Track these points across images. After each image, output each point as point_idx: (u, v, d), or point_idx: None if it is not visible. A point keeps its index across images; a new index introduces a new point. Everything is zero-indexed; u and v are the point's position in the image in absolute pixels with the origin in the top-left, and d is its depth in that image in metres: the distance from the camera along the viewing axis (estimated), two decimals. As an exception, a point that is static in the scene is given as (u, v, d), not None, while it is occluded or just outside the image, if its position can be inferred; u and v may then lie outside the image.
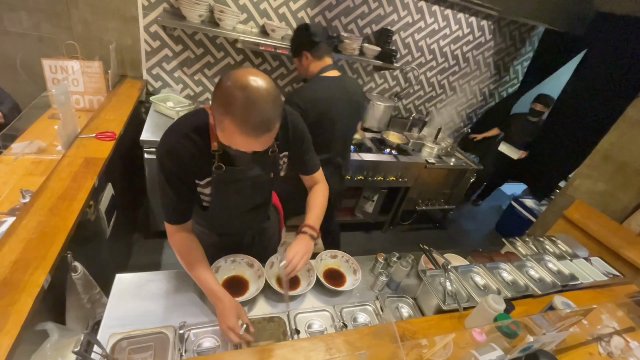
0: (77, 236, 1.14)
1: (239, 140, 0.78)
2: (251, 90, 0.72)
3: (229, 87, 0.73)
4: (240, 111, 0.72)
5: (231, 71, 0.76)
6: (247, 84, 0.72)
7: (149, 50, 2.32)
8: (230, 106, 0.72)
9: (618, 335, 1.35)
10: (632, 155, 2.39)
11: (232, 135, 0.77)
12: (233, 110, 0.72)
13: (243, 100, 0.72)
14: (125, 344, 0.92)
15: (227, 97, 0.73)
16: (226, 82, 0.74)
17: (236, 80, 0.73)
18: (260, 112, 0.73)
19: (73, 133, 1.60)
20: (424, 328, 1.10)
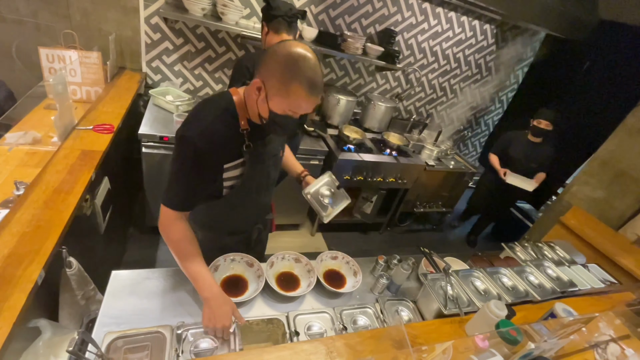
0: (72, 231, 1.11)
1: (304, 102, 0.85)
2: (310, 57, 0.82)
3: (290, 56, 0.81)
4: (307, 75, 0.81)
5: (278, 45, 0.84)
6: (304, 52, 0.82)
7: (149, 42, 2.28)
8: (298, 71, 0.81)
9: (614, 342, 1.35)
10: (630, 163, 2.41)
11: (299, 98, 0.84)
12: (301, 74, 0.81)
13: (308, 66, 0.81)
14: (121, 343, 0.89)
15: (292, 64, 0.81)
16: (284, 54, 0.81)
17: (293, 50, 0.81)
18: (319, 74, 0.84)
19: (70, 124, 1.56)
20: (424, 332, 1.09)
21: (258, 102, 0.89)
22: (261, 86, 0.86)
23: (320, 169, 2.51)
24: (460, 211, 3.64)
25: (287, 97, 0.84)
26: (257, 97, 0.88)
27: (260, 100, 0.88)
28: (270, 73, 0.84)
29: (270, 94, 0.85)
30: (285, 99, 0.85)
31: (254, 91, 0.88)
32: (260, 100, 0.88)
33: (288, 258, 1.28)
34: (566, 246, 1.88)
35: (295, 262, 1.28)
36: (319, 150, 2.42)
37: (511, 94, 3.72)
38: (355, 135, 2.60)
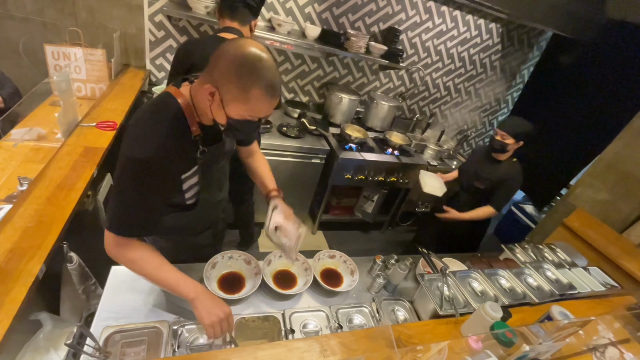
0: (74, 226, 1.13)
1: (265, 106, 0.80)
2: (266, 57, 0.76)
3: (246, 58, 0.75)
4: (266, 77, 0.76)
5: (229, 46, 0.77)
6: (259, 52, 0.76)
7: (153, 40, 2.30)
8: (256, 75, 0.75)
9: (613, 346, 1.34)
10: (635, 166, 2.37)
11: (259, 102, 0.79)
12: (260, 78, 0.75)
13: (266, 67, 0.76)
14: (119, 337, 0.91)
15: (249, 67, 0.75)
16: (238, 56, 0.75)
17: (248, 52, 0.75)
18: (277, 75, 0.79)
19: (73, 121, 1.58)
20: (420, 332, 1.09)
21: (212, 108, 0.82)
22: (214, 92, 0.78)
23: (322, 167, 2.52)
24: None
25: (246, 103, 0.78)
26: (211, 103, 0.81)
27: (214, 107, 0.81)
28: (224, 78, 0.76)
29: (226, 99, 0.78)
30: (245, 105, 0.79)
31: (206, 96, 0.80)
32: (215, 106, 0.81)
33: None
34: (567, 248, 1.87)
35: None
36: (321, 149, 2.42)
37: (516, 94, 3.68)
38: (357, 134, 2.60)
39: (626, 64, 2.65)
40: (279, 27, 2.31)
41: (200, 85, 0.82)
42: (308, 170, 2.49)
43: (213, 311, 0.87)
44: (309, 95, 2.95)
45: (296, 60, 2.69)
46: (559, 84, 3.17)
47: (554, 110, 3.21)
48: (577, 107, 3.01)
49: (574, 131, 3.02)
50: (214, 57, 0.78)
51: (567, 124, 3.09)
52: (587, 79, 2.94)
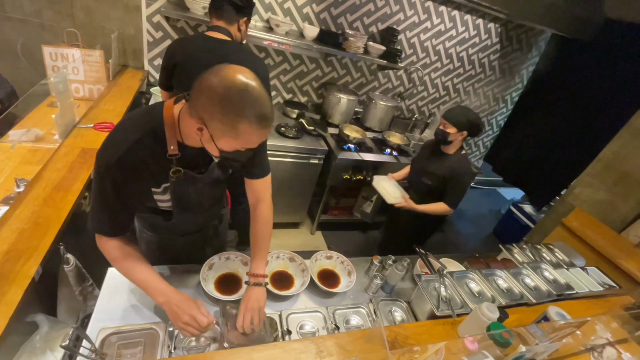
0: (71, 227, 1.13)
1: (256, 137, 0.76)
2: (253, 85, 0.70)
3: (230, 91, 0.69)
4: (255, 108, 0.70)
5: (211, 76, 0.70)
6: (245, 80, 0.70)
7: (151, 40, 2.30)
8: (244, 108, 0.70)
9: (611, 346, 1.34)
10: (634, 166, 2.37)
11: (249, 136, 0.74)
12: (248, 110, 0.70)
13: (253, 98, 0.70)
14: (115, 339, 0.91)
15: (235, 101, 0.69)
16: (222, 88, 0.69)
17: (231, 83, 0.69)
18: (267, 102, 0.73)
19: (71, 122, 1.58)
20: (416, 333, 1.09)
21: (203, 142, 0.78)
22: (202, 127, 0.73)
23: (320, 168, 2.51)
24: None
25: (236, 138, 0.74)
26: (200, 137, 0.76)
27: (205, 140, 0.77)
28: (209, 114, 0.71)
29: (215, 135, 0.74)
30: (235, 139, 0.74)
31: (194, 130, 0.75)
32: (205, 140, 0.76)
33: (282, 257, 1.29)
34: (565, 248, 1.87)
35: (289, 261, 1.29)
36: (319, 150, 2.42)
37: (515, 93, 3.68)
38: (355, 135, 2.60)
39: (624, 63, 2.65)
40: (277, 28, 2.31)
41: (187, 114, 0.77)
42: (306, 171, 2.49)
43: (178, 316, 0.86)
44: (307, 96, 2.95)
45: (294, 60, 2.68)
46: (558, 84, 3.17)
47: (554, 110, 3.22)
48: (577, 106, 3.01)
49: (574, 131, 3.02)
50: (197, 91, 0.71)
51: (567, 124, 3.09)
52: (585, 79, 2.94)
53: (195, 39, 1.55)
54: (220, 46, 1.45)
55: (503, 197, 4.60)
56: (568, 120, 3.08)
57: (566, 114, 3.10)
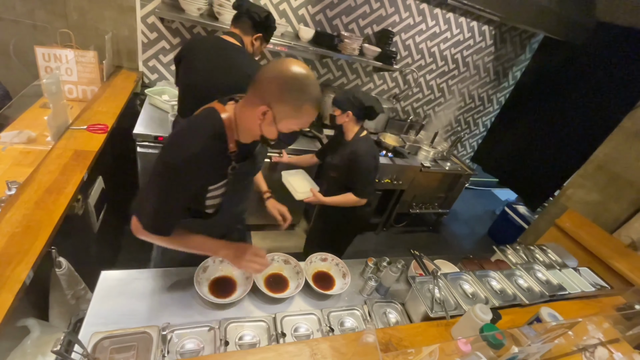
0: (63, 231, 1.12)
1: (312, 118, 0.90)
2: (311, 75, 0.85)
3: (294, 78, 0.83)
4: (314, 94, 0.86)
5: (273, 66, 0.84)
6: (306, 71, 0.84)
7: (145, 41, 2.29)
8: (306, 92, 0.84)
9: (602, 346, 1.36)
10: (625, 167, 2.40)
11: (308, 116, 0.88)
12: (309, 95, 0.85)
13: (313, 84, 0.85)
14: (108, 344, 0.90)
15: (300, 87, 0.83)
16: (289, 77, 0.83)
17: (296, 73, 0.83)
18: (319, 88, 0.88)
19: (64, 124, 1.57)
20: (410, 335, 1.10)
21: (262, 126, 0.89)
22: (267, 111, 0.85)
23: (316, 169, 2.51)
24: None
25: (297, 118, 0.88)
26: (262, 121, 0.87)
27: (265, 124, 0.88)
28: (277, 99, 0.84)
29: (279, 117, 0.86)
30: (296, 119, 0.88)
31: (257, 116, 0.86)
32: (266, 123, 0.88)
33: (277, 259, 1.29)
34: (558, 249, 1.89)
35: (284, 264, 1.29)
36: (314, 151, 2.42)
37: (509, 95, 3.71)
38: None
39: (616, 66, 2.69)
40: (272, 29, 2.31)
41: (247, 106, 0.89)
42: (302, 172, 2.49)
43: (238, 257, 1.01)
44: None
45: (290, 62, 2.68)
46: (550, 86, 3.21)
47: (546, 112, 3.25)
48: (568, 108, 3.04)
49: (566, 132, 3.06)
50: (263, 80, 0.85)
51: (559, 126, 3.13)
52: (577, 81, 2.98)
53: (206, 38, 1.63)
54: (224, 46, 1.51)
55: (497, 198, 4.63)
56: (560, 122, 3.12)
57: (558, 115, 3.14)
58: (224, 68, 1.48)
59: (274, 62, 0.85)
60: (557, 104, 3.14)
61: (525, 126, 3.44)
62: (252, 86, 0.87)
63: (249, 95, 0.89)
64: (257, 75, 0.86)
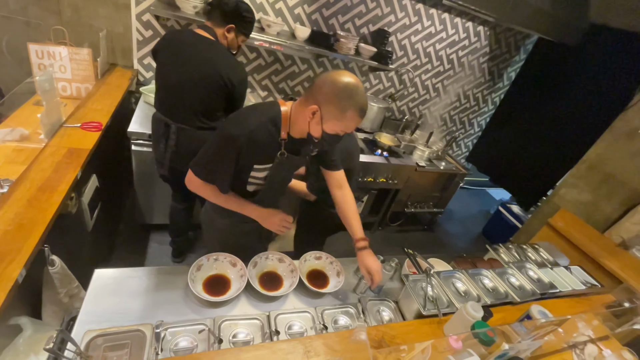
0: (56, 229, 1.11)
1: (355, 124, 1.01)
2: (360, 86, 0.97)
3: (345, 85, 0.94)
4: (360, 102, 0.97)
5: (329, 74, 0.97)
6: (357, 82, 0.96)
7: (140, 39, 2.27)
8: (354, 100, 0.95)
9: (592, 343, 1.38)
10: (617, 167, 2.44)
11: (351, 121, 0.99)
12: (356, 102, 0.96)
13: (361, 94, 0.96)
14: (101, 341, 0.90)
15: (349, 94, 0.95)
16: (342, 84, 0.94)
17: (349, 81, 0.95)
18: (366, 99, 1.00)
19: (57, 122, 1.56)
20: (403, 332, 1.11)
21: (311, 124, 1.00)
22: (317, 111, 0.97)
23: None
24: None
25: (342, 121, 0.98)
26: (311, 120, 0.99)
27: (313, 122, 1.00)
28: (327, 101, 0.96)
29: (326, 118, 0.98)
30: (340, 122, 0.98)
31: (307, 114, 0.98)
32: (314, 122, 0.99)
33: (272, 258, 1.30)
34: (550, 248, 1.91)
35: (278, 262, 1.30)
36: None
37: (503, 95, 3.74)
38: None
39: (608, 68, 2.72)
40: (268, 28, 2.31)
41: (302, 105, 1.01)
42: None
43: (269, 219, 1.19)
44: (299, 97, 2.94)
45: (286, 61, 2.69)
46: (544, 86, 3.24)
47: (539, 112, 3.28)
48: (562, 109, 3.07)
49: (559, 133, 3.09)
50: (319, 84, 0.97)
51: (552, 126, 3.16)
52: (570, 82, 3.01)
53: (179, 32, 1.65)
54: (196, 40, 1.51)
55: (492, 198, 4.66)
56: (553, 123, 3.14)
57: (552, 116, 3.17)
58: (194, 62, 1.49)
59: (331, 71, 0.98)
60: (551, 105, 3.17)
61: (519, 126, 3.46)
62: (309, 88, 1.00)
63: (305, 96, 1.02)
64: (315, 80, 0.99)
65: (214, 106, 1.59)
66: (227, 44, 1.57)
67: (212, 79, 1.49)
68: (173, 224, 2.12)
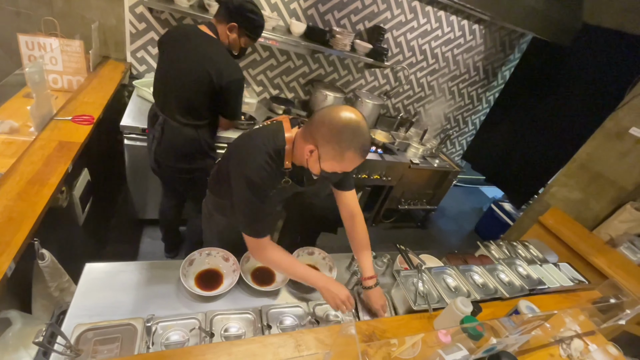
0: (46, 223, 1.10)
1: (355, 164, 0.96)
2: (363, 123, 0.91)
3: (344, 125, 0.89)
4: (361, 142, 0.91)
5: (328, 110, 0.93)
6: (358, 119, 0.90)
7: (134, 32, 2.24)
8: (354, 140, 0.90)
9: (579, 338, 1.41)
10: (606, 166, 2.48)
11: (351, 162, 0.94)
12: (356, 142, 0.90)
13: (362, 133, 0.91)
14: (91, 335, 0.90)
15: (349, 134, 0.89)
16: (342, 123, 0.89)
17: (348, 119, 0.90)
18: (369, 137, 0.94)
19: (48, 114, 1.54)
20: (393, 327, 1.12)
21: (309, 161, 0.98)
22: (314, 150, 0.94)
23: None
24: None
25: (340, 162, 0.94)
26: (308, 157, 0.97)
27: (311, 160, 0.97)
28: (325, 141, 0.92)
29: (323, 158, 0.94)
30: (339, 163, 0.95)
31: (306, 152, 0.96)
32: (312, 160, 0.97)
33: (265, 253, 1.30)
34: (539, 245, 1.94)
35: (271, 257, 1.30)
36: (305, 146, 2.43)
37: (498, 94, 3.77)
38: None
39: (600, 68, 2.75)
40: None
41: (301, 139, 0.99)
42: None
43: (335, 297, 1.08)
44: (294, 92, 2.94)
45: (281, 56, 2.67)
46: (537, 86, 3.26)
47: (532, 111, 3.31)
48: (554, 108, 3.11)
49: (551, 132, 3.12)
50: (317, 122, 0.93)
51: (545, 125, 3.19)
52: (563, 82, 3.04)
53: (185, 26, 1.65)
54: (195, 35, 1.48)
55: (485, 195, 4.71)
56: (546, 122, 3.18)
57: (545, 115, 3.20)
58: (188, 57, 1.45)
59: (330, 106, 0.95)
60: (544, 104, 3.20)
61: (513, 125, 3.50)
62: (308, 123, 0.97)
63: (304, 130, 0.99)
64: (313, 115, 0.95)
65: (199, 104, 1.53)
66: (228, 43, 1.53)
67: (199, 75, 1.45)
68: (163, 219, 2.11)
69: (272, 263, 1.14)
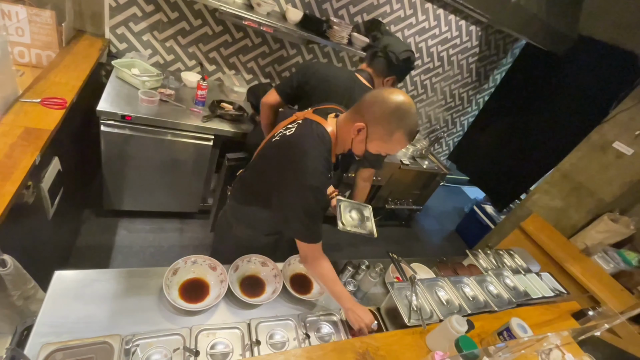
0: (9, 223, 0.98)
1: (401, 147, 0.98)
2: (413, 108, 0.92)
3: (397, 106, 0.91)
4: (410, 125, 0.93)
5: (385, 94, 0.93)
6: (409, 103, 0.91)
7: (114, 5, 2.04)
8: (404, 122, 0.92)
9: (557, 348, 1.45)
10: (588, 177, 2.55)
11: (397, 144, 0.96)
12: (406, 125, 0.92)
13: (412, 116, 0.92)
14: (61, 356, 0.81)
15: (400, 115, 0.91)
16: (394, 104, 0.91)
17: (401, 101, 0.91)
18: (417, 122, 0.96)
19: (12, 95, 1.36)
20: (387, 344, 1.09)
21: (354, 141, 0.99)
22: (363, 128, 0.94)
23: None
24: None
25: (387, 142, 0.95)
26: (355, 137, 0.97)
27: (358, 140, 0.98)
28: (375, 119, 0.93)
29: (371, 137, 0.95)
30: (386, 144, 0.96)
31: (353, 131, 0.96)
32: (358, 140, 0.97)
33: (254, 261, 1.23)
34: (523, 254, 1.98)
35: (261, 266, 1.23)
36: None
37: (488, 97, 3.79)
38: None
39: (590, 79, 2.80)
40: (258, 7, 2.14)
41: (347, 121, 0.99)
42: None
43: (359, 320, 1.08)
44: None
45: (275, 44, 2.54)
46: (527, 92, 3.30)
47: (520, 117, 3.36)
48: (542, 115, 3.16)
49: (538, 139, 3.18)
50: (368, 102, 0.94)
51: (532, 131, 3.25)
52: (553, 90, 3.08)
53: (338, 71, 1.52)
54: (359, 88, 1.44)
55: (467, 196, 4.80)
56: (533, 129, 3.23)
57: (531, 122, 3.25)
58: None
59: (383, 88, 0.96)
60: (532, 111, 3.24)
61: (500, 129, 3.54)
62: (357, 104, 0.96)
63: (352, 111, 0.98)
64: (365, 96, 0.95)
65: None
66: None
67: None
68: None
69: (320, 273, 1.11)
